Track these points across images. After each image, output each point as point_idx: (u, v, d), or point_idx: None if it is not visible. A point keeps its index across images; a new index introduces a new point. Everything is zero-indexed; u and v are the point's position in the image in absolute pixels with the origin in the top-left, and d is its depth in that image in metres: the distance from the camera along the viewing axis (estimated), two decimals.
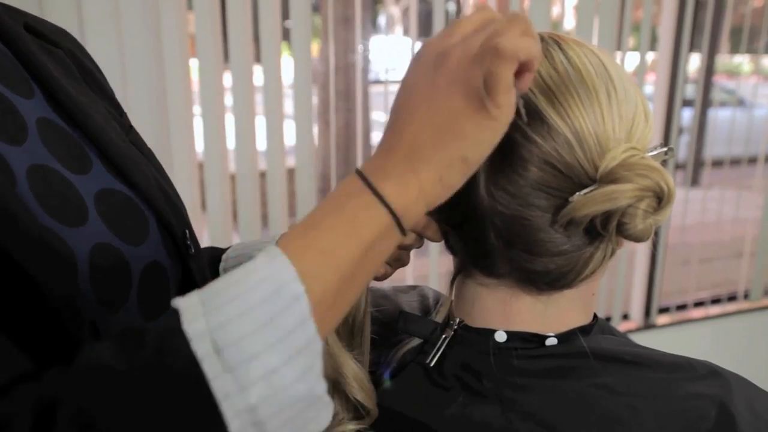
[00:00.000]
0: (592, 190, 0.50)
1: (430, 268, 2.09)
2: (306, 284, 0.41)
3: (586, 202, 0.49)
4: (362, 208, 0.44)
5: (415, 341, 0.64)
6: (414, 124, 0.46)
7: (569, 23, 2.35)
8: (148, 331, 0.40)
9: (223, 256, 0.84)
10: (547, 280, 0.55)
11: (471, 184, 0.53)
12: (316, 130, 1.98)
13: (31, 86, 0.60)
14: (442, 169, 0.45)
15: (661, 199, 0.49)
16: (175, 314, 0.40)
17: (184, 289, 0.67)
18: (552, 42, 0.54)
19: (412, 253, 0.68)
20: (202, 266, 0.72)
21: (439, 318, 0.65)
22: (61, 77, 0.63)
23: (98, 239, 0.57)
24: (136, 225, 0.62)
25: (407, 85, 0.47)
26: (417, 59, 0.47)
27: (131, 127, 0.73)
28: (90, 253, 0.56)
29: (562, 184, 0.51)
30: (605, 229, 0.51)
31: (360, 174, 0.45)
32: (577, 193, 0.50)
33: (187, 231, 0.68)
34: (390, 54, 2.23)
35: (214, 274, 0.83)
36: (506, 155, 0.51)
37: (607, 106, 0.52)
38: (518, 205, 0.52)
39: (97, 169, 0.62)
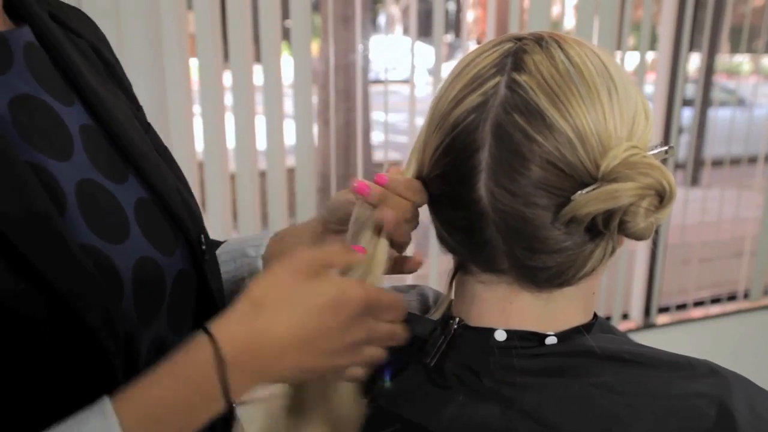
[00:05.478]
0: (593, 189, 0.50)
1: (430, 268, 2.10)
2: None
3: (588, 201, 0.49)
4: (207, 400, 0.49)
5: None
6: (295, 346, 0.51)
7: (569, 22, 2.35)
8: None
9: (217, 252, 0.83)
10: (546, 277, 0.55)
11: (471, 182, 0.53)
12: (315, 129, 1.98)
13: (70, 92, 0.61)
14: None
15: (662, 197, 0.49)
16: None
17: (201, 296, 0.67)
18: (552, 41, 0.54)
19: (412, 253, 0.69)
20: (217, 271, 0.71)
21: (436, 316, 0.65)
22: (89, 76, 0.63)
23: (140, 253, 0.59)
24: (167, 235, 0.63)
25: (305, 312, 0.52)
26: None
27: (149, 124, 0.73)
28: (133, 268, 0.57)
29: (564, 183, 0.51)
30: (607, 227, 0.51)
31: (219, 359, 0.49)
32: (579, 192, 0.50)
33: (202, 236, 0.68)
34: (390, 53, 2.23)
35: None
36: (508, 154, 0.51)
37: (608, 104, 0.52)
38: (519, 204, 0.52)
39: (132, 177, 0.62)
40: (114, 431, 0.46)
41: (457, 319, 0.60)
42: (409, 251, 0.67)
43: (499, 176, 0.52)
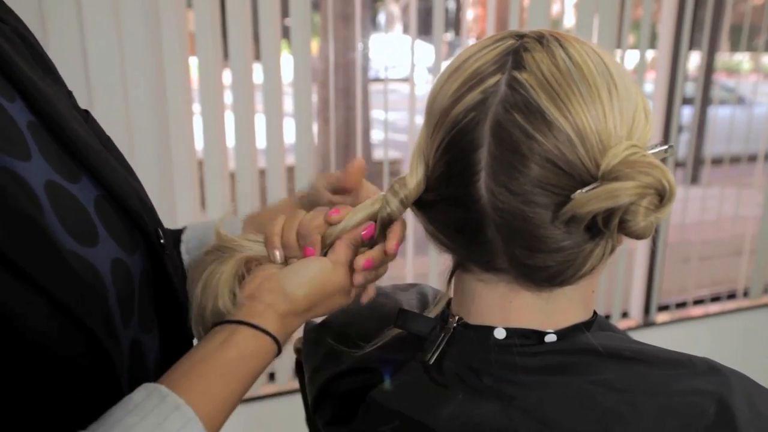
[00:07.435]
0: (594, 188, 0.50)
1: (430, 266, 2.10)
2: None
3: (589, 200, 0.49)
4: (259, 355, 0.56)
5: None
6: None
7: (569, 21, 2.35)
8: None
9: (183, 238, 0.79)
10: (546, 276, 0.55)
11: (470, 181, 0.53)
12: (315, 127, 1.98)
13: (10, 87, 0.55)
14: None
15: (662, 196, 0.49)
16: None
17: (162, 291, 0.65)
18: (553, 39, 0.54)
19: (412, 252, 0.69)
20: (176, 264, 0.69)
21: (434, 313, 0.65)
22: (24, 67, 0.58)
23: (113, 255, 0.56)
24: (128, 233, 0.60)
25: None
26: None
27: (87, 111, 0.68)
28: (110, 271, 0.55)
29: (563, 182, 0.51)
30: (607, 226, 0.51)
31: (265, 333, 0.56)
32: (579, 191, 0.50)
33: (159, 230, 0.65)
34: (389, 52, 2.23)
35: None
36: (507, 153, 0.51)
37: (608, 103, 0.52)
38: (519, 203, 0.52)
39: (84, 175, 0.58)
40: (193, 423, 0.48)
41: (457, 318, 0.60)
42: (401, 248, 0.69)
43: (499, 175, 0.52)
